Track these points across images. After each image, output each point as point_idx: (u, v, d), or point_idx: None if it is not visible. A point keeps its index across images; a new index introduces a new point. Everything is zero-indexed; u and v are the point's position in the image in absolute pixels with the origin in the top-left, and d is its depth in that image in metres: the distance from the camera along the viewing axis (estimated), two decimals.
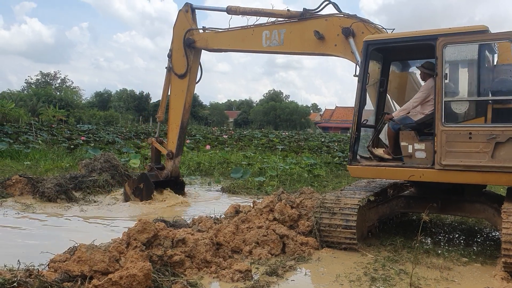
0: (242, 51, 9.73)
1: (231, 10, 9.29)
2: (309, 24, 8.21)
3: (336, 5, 8.04)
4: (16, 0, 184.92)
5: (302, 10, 8.30)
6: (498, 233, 7.02)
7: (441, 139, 6.14)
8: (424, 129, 6.78)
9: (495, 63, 6.67)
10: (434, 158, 6.23)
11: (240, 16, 9.30)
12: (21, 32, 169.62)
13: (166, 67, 10.43)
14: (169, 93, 10.58)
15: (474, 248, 6.77)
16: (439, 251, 6.44)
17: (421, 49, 6.77)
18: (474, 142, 5.93)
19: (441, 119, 6.15)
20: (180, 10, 10.20)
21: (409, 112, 7.07)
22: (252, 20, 9.07)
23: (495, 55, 6.71)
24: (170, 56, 10.33)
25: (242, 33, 9.17)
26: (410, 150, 6.70)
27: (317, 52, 8.29)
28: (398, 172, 6.73)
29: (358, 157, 7.15)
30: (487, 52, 6.43)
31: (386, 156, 7.09)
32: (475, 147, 5.93)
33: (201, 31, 9.98)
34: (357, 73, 6.99)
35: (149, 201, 9.84)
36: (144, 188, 9.98)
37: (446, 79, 6.23)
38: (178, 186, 10.71)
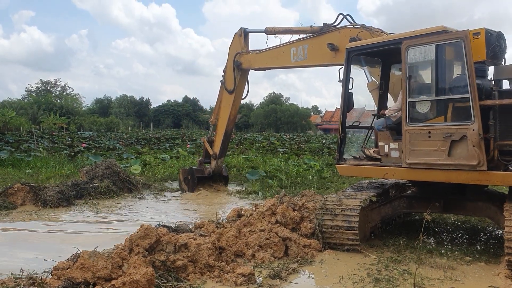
0: (277, 67, 10.81)
1: (268, 31, 10.39)
2: (325, 37, 8.82)
3: (350, 16, 8.58)
4: (14, 9, 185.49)
5: (322, 25, 8.94)
6: (501, 231, 7.01)
7: (405, 138, 6.32)
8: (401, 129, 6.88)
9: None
10: (402, 157, 6.43)
11: (273, 36, 10.37)
12: (20, 40, 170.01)
13: (220, 81, 11.75)
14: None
15: (478, 247, 6.75)
16: (443, 251, 6.43)
17: None
18: (433, 141, 6.09)
19: (405, 119, 6.32)
20: (235, 33, 11.35)
21: (399, 111, 7.19)
22: (285, 38, 9.99)
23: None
24: (224, 72, 11.63)
25: (275, 52, 10.15)
26: (386, 149, 6.94)
27: (334, 62, 8.74)
28: (375, 170, 6.97)
29: (350, 156, 7.51)
30: (455, 52, 6.40)
31: (375, 156, 7.23)
32: (434, 145, 6.08)
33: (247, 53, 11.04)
34: (342, 79, 7.28)
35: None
36: (190, 179, 12.06)
37: (410, 81, 6.38)
38: (222, 180, 12.50)
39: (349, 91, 7.29)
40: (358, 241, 6.32)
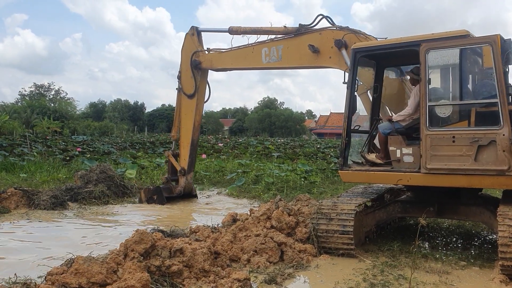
0: (245, 68, 10.23)
1: (232, 31, 9.74)
2: (304, 38, 8.50)
3: (330, 18, 8.31)
4: (7, 12, 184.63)
5: (298, 26, 8.59)
6: (495, 236, 7.04)
7: (425, 143, 6.19)
8: (413, 133, 6.84)
9: (482, 67, 6.73)
10: (420, 162, 6.29)
11: (241, 36, 9.74)
12: (14, 44, 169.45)
13: (176, 88, 10.98)
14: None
15: (472, 251, 6.78)
16: (437, 255, 6.45)
17: (411, 55, 6.83)
18: (457, 146, 5.98)
19: (425, 123, 6.21)
20: (187, 33, 10.71)
21: (407, 117, 7.12)
22: (253, 39, 9.53)
23: (482, 58, 6.77)
24: (179, 77, 10.90)
25: (243, 52, 9.58)
26: (398, 154, 6.82)
27: (314, 65, 8.57)
28: (387, 176, 6.79)
29: (351, 162, 7.25)
30: (473, 56, 6.48)
31: (378, 161, 7.16)
32: (458, 150, 5.98)
33: (206, 52, 10.39)
34: (346, 80, 7.12)
35: None
36: (156, 200, 10.80)
37: (430, 84, 6.30)
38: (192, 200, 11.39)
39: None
40: (353, 245, 6.31)
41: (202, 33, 10.77)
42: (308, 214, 7.26)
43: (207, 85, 10.84)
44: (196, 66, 10.44)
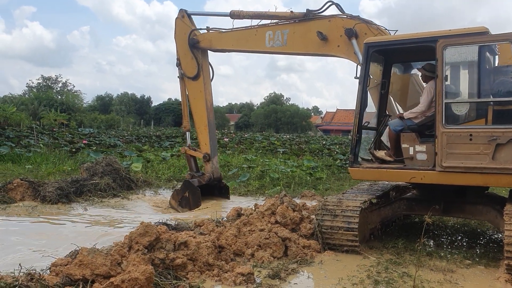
0: (246, 51, 9.76)
1: (234, 15, 9.35)
2: (312, 24, 8.21)
3: (339, 6, 8.04)
4: (15, 4, 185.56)
5: (305, 11, 8.31)
6: (500, 235, 6.99)
7: (441, 140, 6.09)
8: (425, 130, 6.76)
9: (496, 65, 6.67)
10: (435, 160, 6.19)
11: (242, 21, 9.41)
12: (22, 36, 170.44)
13: (178, 76, 10.51)
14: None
15: (477, 250, 6.74)
16: (442, 254, 6.42)
17: (422, 51, 6.76)
18: (474, 144, 5.89)
19: (441, 120, 6.12)
20: (176, 18, 10.32)
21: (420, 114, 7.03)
22: (255, 22, 9.18)
23: (496, 56, 6.71)
24: (178, 64, 10.42)
25: (245, 33, 9.21)
26: (411, 152, 6.68)
27: (320, 52, 8.28)
28: (399, 174, 6.68)
29: (359, 159, 7.14)
30: (487, 54, 6.42)
31: (388, 158, 7.07)
32: (475, 148, 5.89)
33: (204, 31, 10.04)
34: (358, 75, 6.98)
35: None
36: (190, 196, 9.91)
37: (447, 81, 6.20)
38: (222, 190, 10.81)
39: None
40: (357, 242, 6.29)
41: (194, 17, 10.35)
42: (312, 210, 7.25)
43: (209, 64, 10.39)
44: (194, 45, 9.98)
